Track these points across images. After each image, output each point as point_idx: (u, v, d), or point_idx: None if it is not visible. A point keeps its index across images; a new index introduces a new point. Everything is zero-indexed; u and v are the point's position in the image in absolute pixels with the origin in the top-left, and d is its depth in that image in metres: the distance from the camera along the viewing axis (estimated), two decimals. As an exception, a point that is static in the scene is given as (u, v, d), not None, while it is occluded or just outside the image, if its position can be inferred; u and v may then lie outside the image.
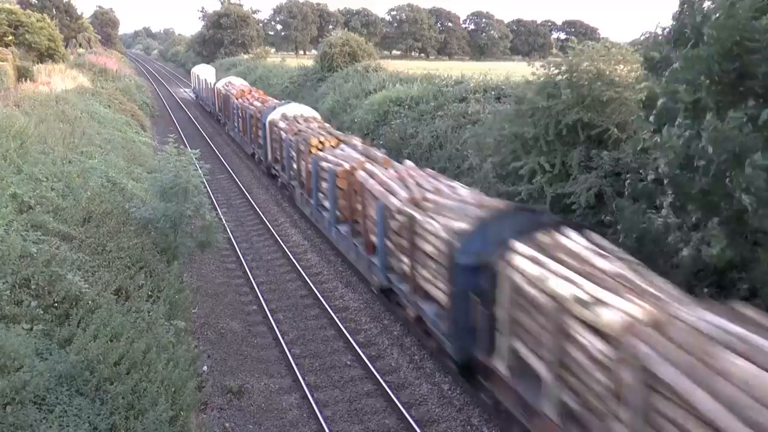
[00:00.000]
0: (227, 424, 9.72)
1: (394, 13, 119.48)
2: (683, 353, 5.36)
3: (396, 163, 14.04)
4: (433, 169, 14.58)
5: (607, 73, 12.60)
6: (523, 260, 7.68)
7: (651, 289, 6.53)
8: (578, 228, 8.58)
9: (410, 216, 10.60)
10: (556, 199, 12.49)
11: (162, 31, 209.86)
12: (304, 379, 10.83)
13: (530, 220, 8.95)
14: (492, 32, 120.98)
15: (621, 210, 10.59)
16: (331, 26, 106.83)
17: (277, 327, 12.73)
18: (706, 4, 8.40)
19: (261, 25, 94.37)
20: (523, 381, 7.96)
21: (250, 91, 32.72)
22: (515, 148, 13.58)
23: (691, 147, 8.00)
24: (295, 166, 19.20)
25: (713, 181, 7.68)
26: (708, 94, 7.79)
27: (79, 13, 74.21)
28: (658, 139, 8.71)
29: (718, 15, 7.50)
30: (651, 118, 9.21)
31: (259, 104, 27.30)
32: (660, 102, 8.94)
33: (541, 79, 13.47)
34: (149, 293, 10.56)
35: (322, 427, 9.55)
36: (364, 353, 11.62)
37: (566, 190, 12.37)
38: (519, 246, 7.98)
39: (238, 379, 10.92)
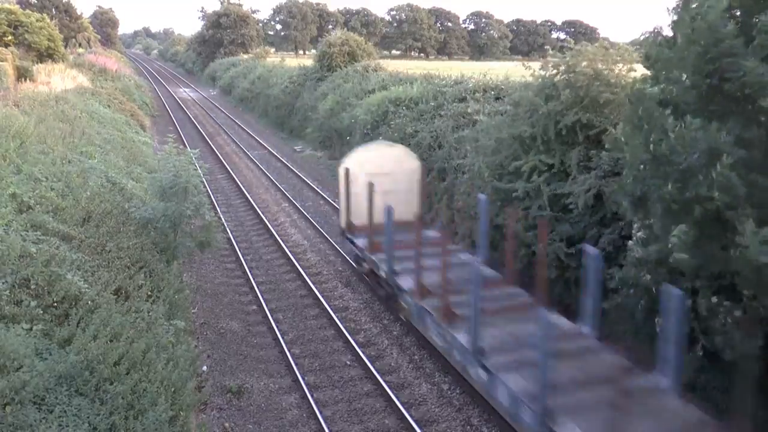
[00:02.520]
0: (227, 424, 9.73)
1: (393, 13, 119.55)
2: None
3: None
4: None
5: (605, 73, 12.58)
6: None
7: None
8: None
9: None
10: (554, 199, 12.48)
11: (161, 31, 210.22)
12: (303, 379, 10.84)
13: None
14: (491, 32, 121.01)
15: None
16: (330, 26, 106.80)
17: (277, 327, 12.73)
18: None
19: (261, 25, 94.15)
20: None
21: None
22: (514, 149, 13.59)
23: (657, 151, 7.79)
24: None
25: (681, 185, 7.49)
26: (683, 95, 7.61)
27: (79, 13, 74.22)
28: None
29: (696, 15, 7.36)
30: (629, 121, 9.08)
31: None
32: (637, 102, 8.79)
33: (539, 80, 13.46)
34: (149, 293, 10.57)
35: (322, 427, 9.55)
36: (363, 353, 11.63)
37: (565, 190, 12.36)
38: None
39: (238, 379, 10.92)
